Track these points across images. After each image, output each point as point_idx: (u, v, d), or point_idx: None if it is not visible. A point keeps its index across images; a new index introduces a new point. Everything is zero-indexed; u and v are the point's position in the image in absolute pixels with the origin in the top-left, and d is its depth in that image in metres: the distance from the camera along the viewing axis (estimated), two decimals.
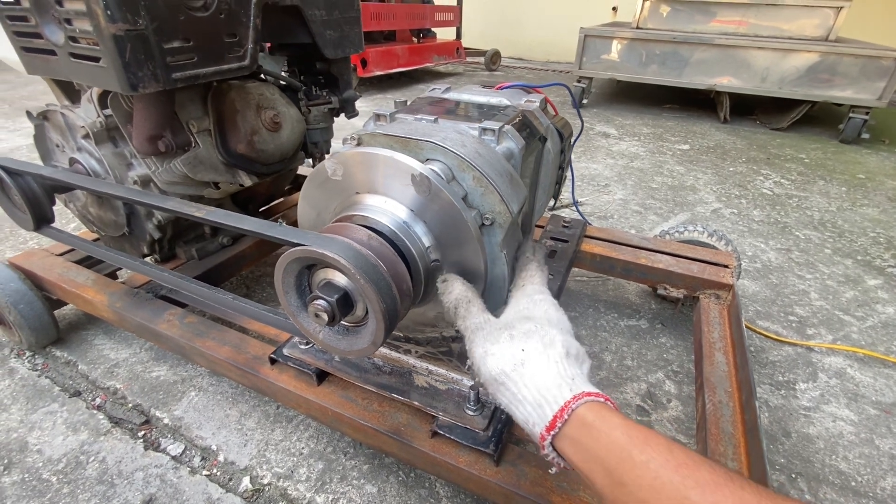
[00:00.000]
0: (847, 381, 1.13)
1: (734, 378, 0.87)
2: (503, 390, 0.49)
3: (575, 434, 0.44)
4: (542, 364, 0.48)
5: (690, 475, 0.36)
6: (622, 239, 1.27)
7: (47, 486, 0.85)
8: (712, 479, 0.36)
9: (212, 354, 0.88)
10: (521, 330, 0.52)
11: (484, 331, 0.54)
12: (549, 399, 0.45)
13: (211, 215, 0.65)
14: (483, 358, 0.52)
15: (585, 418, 0.43)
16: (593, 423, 0.43)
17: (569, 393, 0.45)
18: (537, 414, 0.46)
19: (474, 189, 0.60)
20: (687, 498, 0.35)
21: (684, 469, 0.37)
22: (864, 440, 0.98)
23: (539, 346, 0.50)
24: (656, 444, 0.39)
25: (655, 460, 0.38)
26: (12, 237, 1.65)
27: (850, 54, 2.83)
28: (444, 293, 0.59)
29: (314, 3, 0.98)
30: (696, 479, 0.36)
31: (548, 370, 0.48)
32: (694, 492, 0.35)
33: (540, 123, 0.83)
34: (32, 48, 0.81)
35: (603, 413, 0.43)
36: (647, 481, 0.37)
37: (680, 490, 0.36)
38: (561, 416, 0.44)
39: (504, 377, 0.49)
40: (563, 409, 0.44)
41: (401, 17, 4.08)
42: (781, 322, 1.33)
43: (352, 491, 0.85)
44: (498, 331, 0.53)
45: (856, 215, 2.03)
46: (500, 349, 0.51)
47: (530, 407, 0.47)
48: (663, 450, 0.39)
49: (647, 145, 2.88)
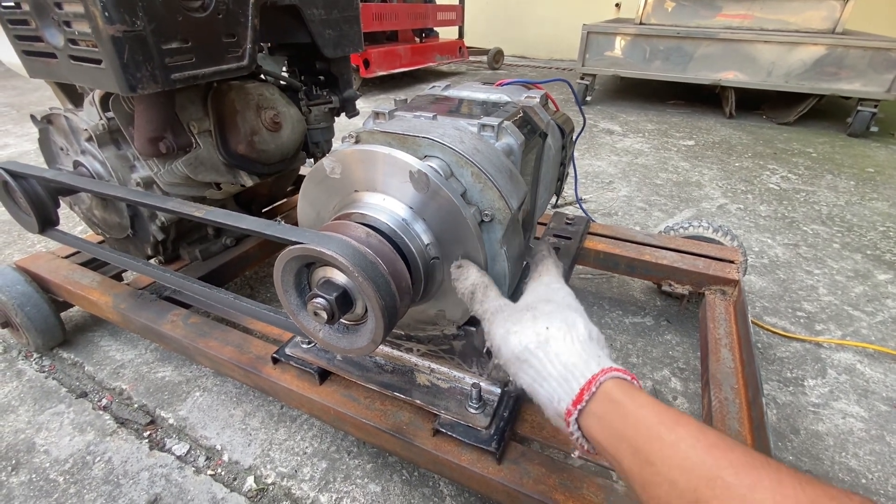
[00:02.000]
0: (857, 377, 1.11)
1: (740, 374, 0.86)
2: (526, 368, 0.49)
3: (601, 411, 0.42)
4: (566, 342, 0.48)
5: (723, 456, 0.34)
6: (626, 235, 1.26)
7: (54, 486, 0.85)
8: (747, 461, 0.34)
9: (215, 354, 0.88)
10: (544, 310, 0.52)
11: (504, 312, 0.54)
12: (575, 373, 0.44)
13: (210, 215, 0.65)
14: (505, 337, 0.51)
15: (613, 395, 0.42)
16: (621, 401, 0.41)
17: (596, 367, 0.44)
18: (563, 389, 0.45)
19: (473, 185, 0.60)
20: (720, 478, 0.33)
21: (716, 450, 0.35)
22: (874, 437, 0.97)
23: (563, 326, 0.49)
24: (687, 425, 0.38)
25: (686, 440, 0.36)
26: (20, 241, 1.66)
27: (858, 46, 2.79)
28: (458, 279, 0.59)
29: (313, 3, 0.98)
30: (729, 460, 0.34)
31: (573, 348, 0.47)
32: (727, 472, 0.33)
33: (540, 119, 0.83)
34: (33, 51, 0.81)
35: (630, 391, 0.42)
36: (678, 461, 0.35)
37: (712, 470, 0.34)
38: (588, 388, 0.43)
39: (528, 354, 0.48)
40: (591, 382, 0.43)
41: (403, 17, 4.08)
42: (789, 318, 1.31)
43: (355, 490, 0.85)
44: (519, 312, 0.53)
45: (865, 209, 2.00)
46: (524, 328, 0.51)
47: (555, 382, 0.45)
48: (694, 430, 0.37)
49: (651, 141, 2.86)
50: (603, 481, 0.65)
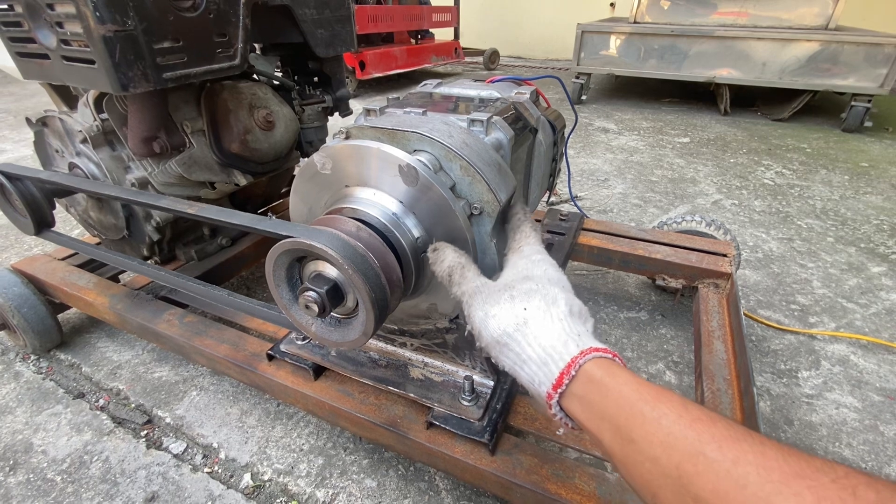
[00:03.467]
0: (850, 369, 1.12)
1: (733, 366, 0.86)
2: (507, 352, 0.48)
3: (582, 391, 0.41)
4: (545, 322, 0.46)
5: (706, 430, 0.34)
6: (619, 231, 1.26)
7: (52, 485, 0.86)
8: (730, 435, 0.33)
9: (210, 352, 0.89)
10: (522, 289, 0.50)
11: (483, 294, 0.52)
12: (554, 357, 0.43)
13: (202, 212, 0.65)
14: (484, 321, 0.50)
15: (593, 375, 0.41)
16: (601, 380, 0.41)
17: (575, 349, 0.43)
18: (543, 373, 0.44)
19: (462, 178, 0.61)
20: (702, 453, 0.32)
21: (699, 424, 0.34)
22: (868, 427, 0.97)
23: (542, 305, 0.48)
24: (668, 401, 0.37)
25: (668, 416, 0.36)
26: (17, 244, 1.67)
27: (851, 42, 2.81)
28: (435, 262, 0.57)
29: (304, 3, 0.98)
30: (711, 434, 0.33)
31: (552, 328, 0.45)
32: (710, 446, 0.33)
33: (531, 115, 0.84)
34: (27, 53, 0.82)
35: (612, 369, 0.41)
36: (660, 437, 0.35)
37: (695, 445, 0.33)
38: (568, 372, 0.42)
39: (507, 338, 0.47)
40: (570, 366, 0.42)
41: (398, 19, 4.09)
42: (783, 311, 1.32)
43: (352, 485, 0.85)
44: (497, 292, 0.51)
45: (859, 203, 2.01)
46: (501, 310, 0.49)
47: (535, 366, 0.45)
48: (676, 405, 0.36)
49: (646, 139, 2.87)
50: (595, 471, 0.66)
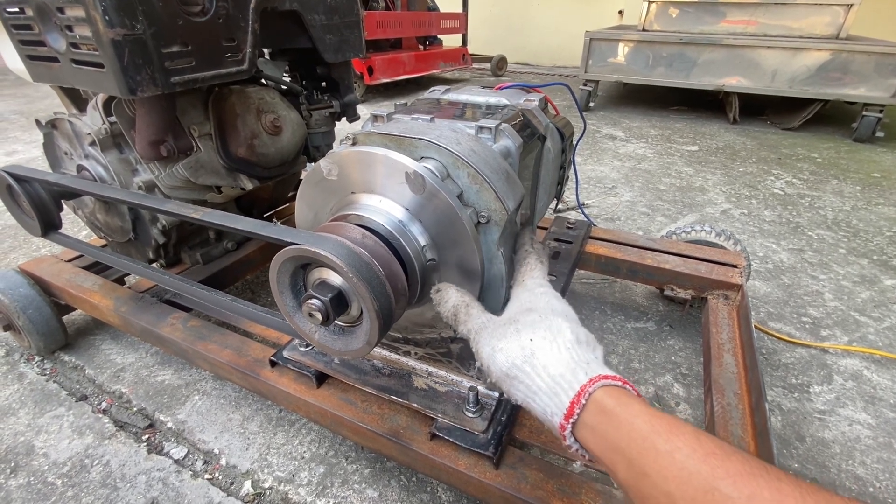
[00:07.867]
0: (864, 384, 1.09)
1: (744, 380, 0.85)
2: (517, 384, 0.47)
3: (594, 422, 0.41)
4: (553, 352, 0.46)
5: (720, 465, 0.33)
6: (627, 240, 1.25)
7: (52, 489, 0.85)
8: (745, 470, 0.32)
9: (213, 357, 0.88)
10: (526, 321, 0.50)
11: (489, 329, 0.53)
12: (563, 385, 0.43)
13: (206, 216, 0.65)
14: (492, 356, 0.50)
15: (605, 404, 0.41)
16: (613, 410, 0.40)
17: (584, 377, 0.43)
18: (554, 403, 0.43)
19: (469, 186, 0.60)
20: (717, 489, 0.32)
21: (713, 459, 0.34)
22: (882, 444, 0.95)
23: (547, 335, 0.48)
24: (682, 433, 0.36)
25: (681, 450, 0.35)
26: (25, 245, 1.68)
27: (862, 52, 2.78)
28: (439, 303, 0.58)
29: (313, 8, 0.98)
30: (726, 470, 0.33)
31: (560, 357, 0.45)
32: (724, 482, 0.32)
33: (539, 122, 0.83)
34: (37, 56, 0.82)
35: (623, 399, 0.41)
36: (673, 472, 0.34)
37: (709, 481, 0.32)
38: (578, 401, 0.41)
39: (516, 370, 0.47)
40: (580, 394, 0.42)
41: (407, 25, 4.11)
42: (794, 323, 1.29)
43: (353, 495, 0.84)
44: (503, 326, 0.52)
45: (871, 214, 1.98)
46: (508, 343, 0.49)
47: (546, 397, 0.44)
48: (690, 439, 0.36)
49: (654, 147, 2.85)
50: (601, 487, 0.64)
